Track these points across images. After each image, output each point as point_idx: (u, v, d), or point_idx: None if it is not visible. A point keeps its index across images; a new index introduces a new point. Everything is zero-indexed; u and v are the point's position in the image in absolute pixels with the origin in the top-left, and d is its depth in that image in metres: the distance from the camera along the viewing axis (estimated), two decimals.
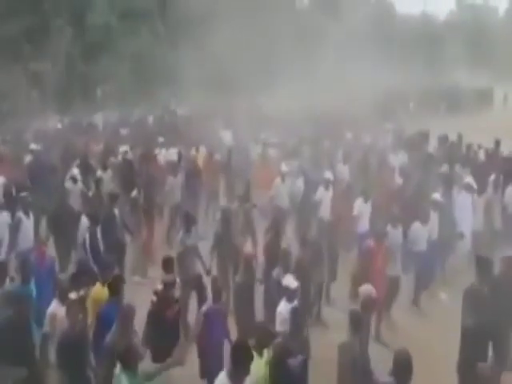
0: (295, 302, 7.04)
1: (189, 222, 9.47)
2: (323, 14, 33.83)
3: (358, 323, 6.21)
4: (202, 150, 16.03)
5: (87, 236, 9.33)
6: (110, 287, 7.00)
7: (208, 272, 9.44)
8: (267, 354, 6.13)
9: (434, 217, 10.44)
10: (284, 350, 6.09)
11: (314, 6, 37.56)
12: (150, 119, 23.83)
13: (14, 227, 9.52)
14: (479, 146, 15.71)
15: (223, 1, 25.88)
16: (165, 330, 6.90)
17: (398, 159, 14.09)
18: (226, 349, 6.70)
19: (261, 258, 9.49)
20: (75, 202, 11.50)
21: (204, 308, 7.10)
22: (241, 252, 9.60)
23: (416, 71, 42.58)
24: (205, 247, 9.74)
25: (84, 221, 9.79)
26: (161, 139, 16.85)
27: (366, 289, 7.03)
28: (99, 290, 7.42)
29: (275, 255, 8.82)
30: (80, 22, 21.33)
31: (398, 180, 12.59)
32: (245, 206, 11.21)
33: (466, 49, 50.20)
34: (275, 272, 8.13)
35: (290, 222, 12.51)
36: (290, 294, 7.10)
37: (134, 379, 5.50)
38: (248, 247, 10.22)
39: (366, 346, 6.43)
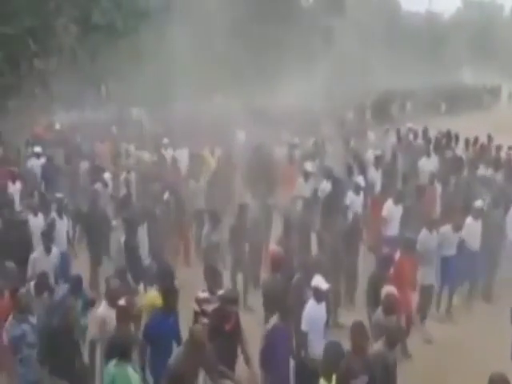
0: (323, 303, 6.92)
1: (214, 219, 9.68)
2: (328, 12, 33.10)
3: (394, 341, 6.05)
4: (217, 150, 15.54)
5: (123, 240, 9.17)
6: (163, 298, 6.58)
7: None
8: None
9: (476, 225, 9.81)
10: (347, 370, 5.58)
11: (319, 4, 36.88)
12: (151, 118, 23.24)
13: (49, 228, 9.02)
14: (510, 148, 14.97)
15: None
16: (224, 344, 6.39)
17: (431, 162, 13.35)
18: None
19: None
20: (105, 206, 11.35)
21: (268, 326, 6.66)
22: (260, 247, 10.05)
23: (420, 69, 42.16)
24: None
25: (119, 224, 9.63)
26: (165, 140, 16.18)
27: (389, 289, 7.01)
28: (154, 297, 7.04)
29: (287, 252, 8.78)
30: (85, 21, 20.76)
31: (437, 185, 11.89)
32: (266, 205, 11.15)
33: (471, 46, 49.82)
34: (295, 279, 7.81)
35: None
36: (318, 295, 6.90)
37: (137, 372, 5.70)
38: (273, 245, 9.77)
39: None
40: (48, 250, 8.58)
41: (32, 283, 7.40)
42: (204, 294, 7.12)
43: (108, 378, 5.62)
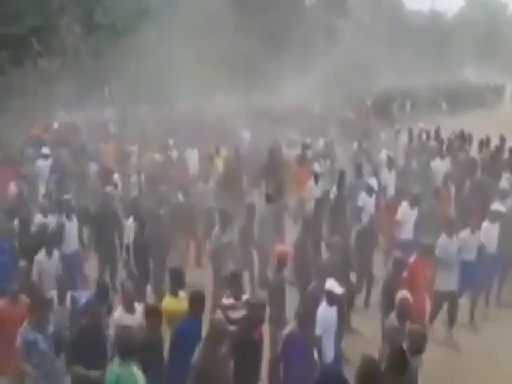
0: (335, 307, 6.91)
1: (224, 220, 9.49)
2: (331, 11, 32.95)
3: (418, 348, 5.98)
4: (222, 150, 15.34)
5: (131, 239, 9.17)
6: (189, 304, 6.40)
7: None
8: None
9: (493, 229, 9.60)
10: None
11: (322, 3, 36.71)
12: (153, 118, 23.00)
13: (57, 232, 9.01)
14: None
15: None
16: (251, 353, 6.24)
17: (444, 164, 13.09)
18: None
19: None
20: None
21: (285, 332, 6.42)
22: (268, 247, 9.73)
23: (423, 68, 41.96)
24: None
25: (129, 224, 9.52)
26: (170, 141, 15.94)
27: (402, 293, 7.00)
28: (171, 302, 6.94)
29: (304, 254, 8.92)
30: (87, 20, 20.64)
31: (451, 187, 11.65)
32: (277, 205, 11.04)
33: (474, 45, 49.64)
34: (311, 287, 7.75)
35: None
36: (331, 299, 6.90)
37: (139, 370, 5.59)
38: (280, 245, 9.61)
39: None
40: (49, 254, 8.51)
41: (54, 292, 7.32)
42: (229, 301, 6.96)
43: (112, 377, 5.55)
